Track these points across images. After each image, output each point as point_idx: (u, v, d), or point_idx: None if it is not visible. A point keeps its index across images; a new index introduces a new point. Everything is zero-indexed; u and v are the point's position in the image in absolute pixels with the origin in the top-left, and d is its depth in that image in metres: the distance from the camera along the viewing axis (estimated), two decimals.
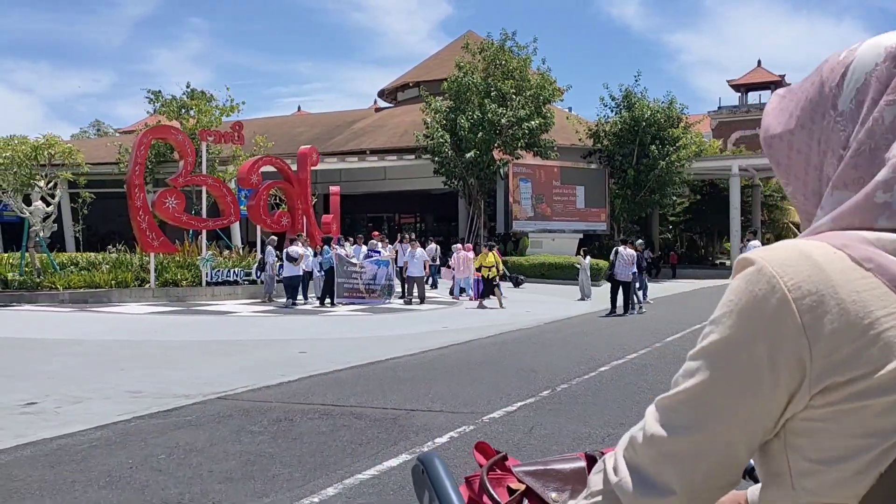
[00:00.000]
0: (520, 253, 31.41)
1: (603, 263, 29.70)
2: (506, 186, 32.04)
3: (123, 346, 11.03)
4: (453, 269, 21.03)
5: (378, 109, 43.14)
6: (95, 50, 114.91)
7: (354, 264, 17.49)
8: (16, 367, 9.17)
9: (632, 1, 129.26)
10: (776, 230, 47.30)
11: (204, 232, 18.82)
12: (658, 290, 25.83)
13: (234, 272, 18.80)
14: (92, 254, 19.93)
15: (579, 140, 34.62)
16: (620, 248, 16.62)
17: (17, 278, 17.08)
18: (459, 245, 22.68)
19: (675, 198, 34.84)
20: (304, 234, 18.63)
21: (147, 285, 17.76)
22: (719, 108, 59.33)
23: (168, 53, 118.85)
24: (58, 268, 17.85)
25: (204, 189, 18.70)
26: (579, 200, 33.70)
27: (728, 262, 48.83)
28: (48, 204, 17.99)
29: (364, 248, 18.88)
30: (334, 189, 23.06)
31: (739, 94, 69.55)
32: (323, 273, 17.74)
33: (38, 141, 16.18)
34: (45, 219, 17.73)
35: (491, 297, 18.07)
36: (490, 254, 18.51)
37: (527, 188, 32.28)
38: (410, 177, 35.79)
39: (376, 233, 20.95)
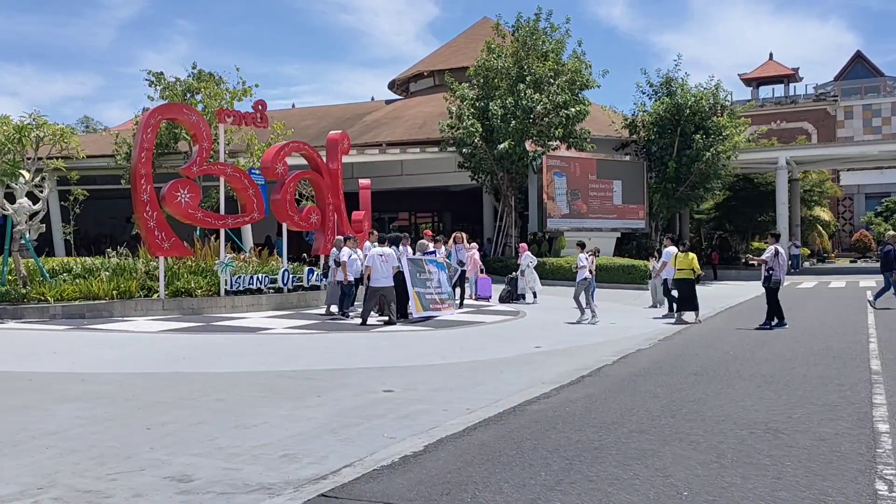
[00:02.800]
0: (555, 254, 28.61)
1: (638, 264, 26.99)
2: (539, 181, 29.22)
3: (145, 385, 8.10)
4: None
5: (389, 101, 40.20)
6: (81, 52, 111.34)
7: (428, 270, 14.59)
8: None
9: (618, 2, 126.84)
10: (804, 226, 44.84)
11: (222, 231, 15.84)
12: (714, 294, 23.10)
13: (258, 279, 15.85)
14: (88, 259, 16.89)
15: (615, 131, 31.86)
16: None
17: None
18: (475, 244, 20.78)
19: (717, 192, 32.10)
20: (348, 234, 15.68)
21: (155, 295, 14.80)
22: (731, 102, 56.84)
23: (155, 56, 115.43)
24: (48, 275, 14.84)
25: (222, 180, 15.73)
26: (616, 196, 30.94)
27: None
28: (35, 200, 14.99)
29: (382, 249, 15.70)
30: (364, 182, 20.14)
31: (751, 87, 67.40)
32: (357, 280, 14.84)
33: (24, 121, 13.19)
34: (31, 217, 14.72)
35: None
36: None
37: (561, 183, 29.49)
38: (429, 172, 32.90)
39: (428, 231, 18.09)
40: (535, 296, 19.32)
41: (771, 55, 69.33)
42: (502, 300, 19.09)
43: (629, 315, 16.66)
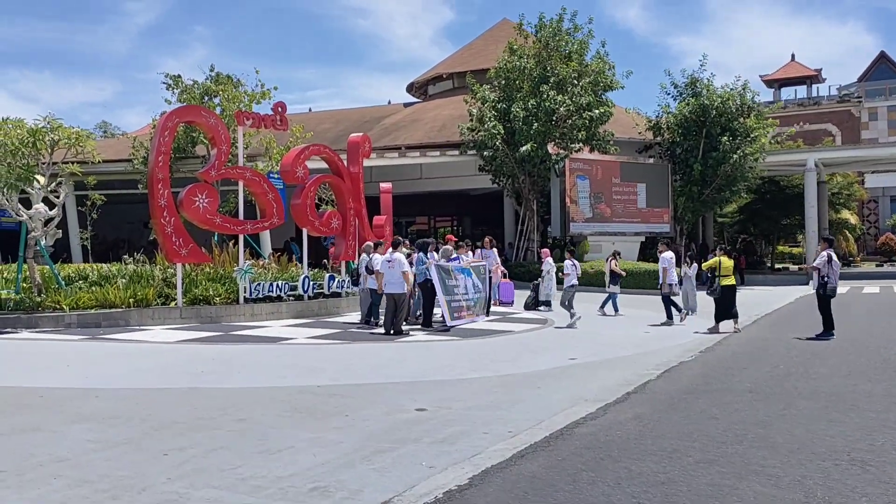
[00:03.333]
0: (577, 258, 27.89)
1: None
2: (562, 184, 28.63)
3: (162, 402, 7.61)
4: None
5: (407, 104, 39.74)
6: (100, 59, 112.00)
7: (454, 277, 14.06)
8: (1, 449, 5.76)
9: (634, 4, 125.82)
10: (830, 229, 43.82)
11: (240, 237, 15.39)
12: (745, 300, 22.36)
13: (278, 286, 15.38)
14: (104, 265, 16.50)
15: (639, 133, 31.19)
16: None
17: (12, 296, 13.70)
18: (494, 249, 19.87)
19: (743, 195, 31.31)
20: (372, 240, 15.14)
21: (173, 303, 14.37)
22: (758, 103, 55.82)
23: (173, 61, 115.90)
24: (63, 283, 14.45)
25: (240, 185, 15.28)
26: (640, 199, 30.27)
27: (791, 267, 45.37)
28: (51, 206, 14.62)
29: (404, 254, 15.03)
30: (385, 186, 19.66)
31: (773, 89, 66.29)
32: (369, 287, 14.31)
33: (38, 125, 12.79)
34: (46, 223, 14.35)
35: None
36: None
37: (584, 186, 28.87)
38: (449, 175, 32.36)
39: (451, 236, 17.55)
40: (548, 304, 18.70)
41: (793, 56, 68.28)
42: (527, 307, 18.51)
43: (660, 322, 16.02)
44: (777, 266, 42.04)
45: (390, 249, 13.45)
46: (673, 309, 16.01)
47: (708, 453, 5.42)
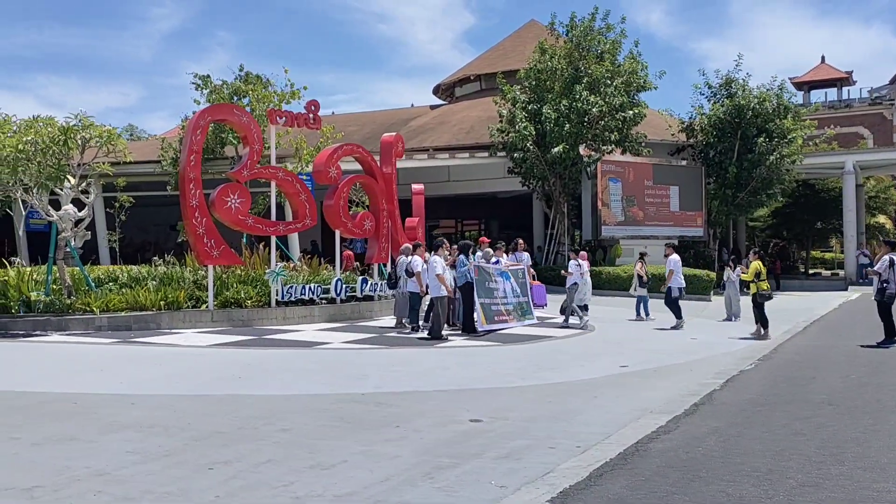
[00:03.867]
0: (610, 262, 27.38)
1: (701, 273, 25.62)
2: (594, 187, 28.04)
3: (200, 410, 7.21)
4: None
5: (434, 107, 39.34)
6: (125, 64, 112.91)
7: (494, 280, 13.61)
8: (35, 461, 5.38)
9: (657, 9, 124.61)
10: (867, 232, 42.76)
11: (272, 238, 15.02)
12: (786, 306, 21.67)
13: (310, 289, 14.99)
14: (134, 267, 16.21)
15: (671, 135, 30.55)
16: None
17: (42, 298, 13.42)
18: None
19: (779, 199, 30.52)
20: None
21: (204, 306, 14.02)
22: (795, 104, 54.79)
23: (196, 67, 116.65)
24: (93, 285, 14.16)
25: (273, 185, 14.92)
26: (673, 202, 29.59)
27: (823, 272, 44.37)
28: (80, 207, 14.33)
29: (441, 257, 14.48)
30: (417, 187, 19.24)
31: (802, 92, 65.12)
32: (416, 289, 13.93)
33: (69, 122, 12.50)
34: (76, 224, 14.06)
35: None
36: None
37: (616, 189, 28.27)
38: (476, 178, 31.89)
39: (484, 238, 17.07)
40: (585, 309, 18.14)
41: (823, 58, 67.08)
42: (563, 311, 17.96)
43: (704, 328, 15.46)
44: (809, 272, 41.07)
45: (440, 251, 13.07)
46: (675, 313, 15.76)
47: (809, 475, 4.89)
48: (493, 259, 14.31)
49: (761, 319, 13.87)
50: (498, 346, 12.15)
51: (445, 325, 13.10)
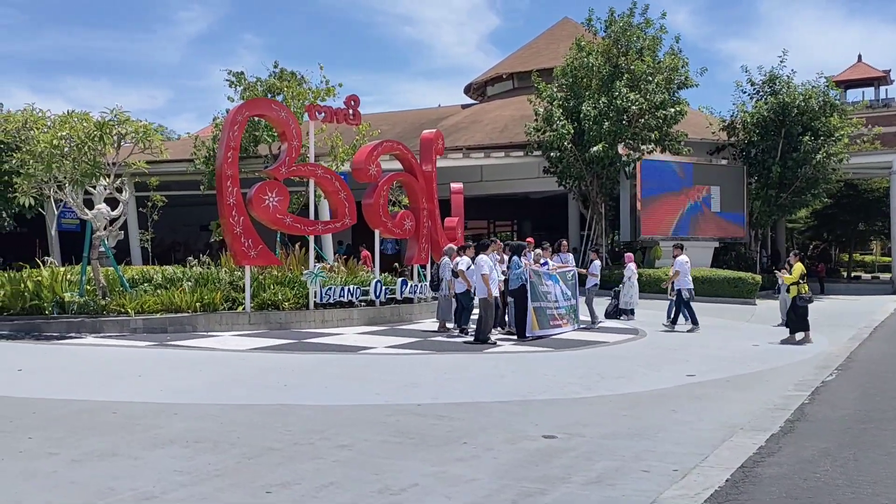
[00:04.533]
0: (649, 265, 26.59)
1: (746, 276, 24.76)
2: (632, 187, 27.30)
3: (248, 422, 6.67)
4: None
5: (465, 106, 38.75)
6: (153, 67, 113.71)
7: (545, 283, 12.99)
8: (75, 481, 4.85)
9: (682, 9, 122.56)
10: None
11: (311, 238, 14.53)
12: (838, 310, 20.77)
13: (349, 290, 14.46)
14: (168, 267, 15.81)
15: (712, 133, 29.66)
16: None
17: (76, 299, 13.02)
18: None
19: (824, 199, 29.50)
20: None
21: (240, 308, 13.55)
22: (841, 102, 53.37)
23: (222, 70, 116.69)
24: (128, 285, 13.75)
25: (311, 183, 14.41)
26: (714, 203, 28.71)
27: (865, 275, 43.09)
28: (114, 206, 13.93)
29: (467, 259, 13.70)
30: (456, 186, 18.64)
31: (838, 91, 63.55)
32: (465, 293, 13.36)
33: (105, 117, 12.08)
34: (111, 223, 13.66)
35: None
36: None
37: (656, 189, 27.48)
38: (510, 178, 31.26)
39: (530, 238, 16.44)
40: (632, 313, 17.48)
41: (860, 57, 65.35)
42: (608, 315, 17.27)
43: (761, 334, 14.68)
44: (852, 275, 39.87)
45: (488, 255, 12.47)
46: (682, 316, 15.25)
47: None
48: (542, 260, 13.68)
49: (802, 324, 13.15)
50: (550, 351, 11.52)
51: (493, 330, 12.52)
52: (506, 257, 13.10)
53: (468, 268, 12.49)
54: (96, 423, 6.53)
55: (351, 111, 14.50)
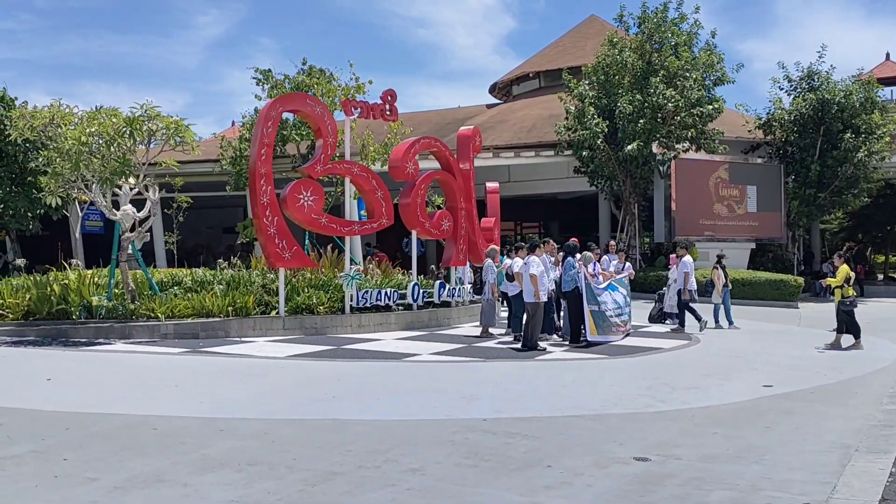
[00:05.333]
0: None
1: (788, 278, 23.92)
2: (667, 187, 26.50)
3: (302, 440, 6.04)
4: None
5: (490, 106, 38.07)
6: (171, 71, 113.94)
7: (601, 286, 12.32)
8: None
9: (700, 10, 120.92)
10: None
11: (348, 240, 13.92)
12: (887, 313, 19.91)
13: (386, 294, 13.84)
14: (198, 270, 15.26)
15: (748, 132, 28.79)
16: None
17: (104, 304, 12.49)
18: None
19: (865, 198, 28.51)
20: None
21: (274, 312, 12.97)
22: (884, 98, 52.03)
23: (239, 74, 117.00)
24: (157, 289, 13.20)
25: (347, 181, 13.81)
26: (751, 203, 27.85)
27: None
28: (139, 206, 13.39)
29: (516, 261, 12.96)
30: (492, 186, 18.02)
31: None
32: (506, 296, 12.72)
33: (135, 113, 11.53)
34: (141, 223, 13.12)
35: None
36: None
37: (691, 188, 26.68)
38: (538, 178, 30.56)
39: (574, 238, 15.69)
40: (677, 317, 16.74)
41: (888, 55, 64.18)
42: (652, 319, 16.57)
43: (818, 339, 13.89)
44: (891, 276, 38.68)
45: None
46: (691, 317, 14.78)
47: None
48: (591, 263, 12.97)
49: (852, 328, 12.43)
50: (605, 358, 10.82)
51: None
52: (556, 258, 12.43)
53: (521, 269, 11.81)
54: (137, 441, 5.93)
55: (388, 107, 13.90)
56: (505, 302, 13.47)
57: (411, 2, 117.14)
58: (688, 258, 15.59)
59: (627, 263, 15.92)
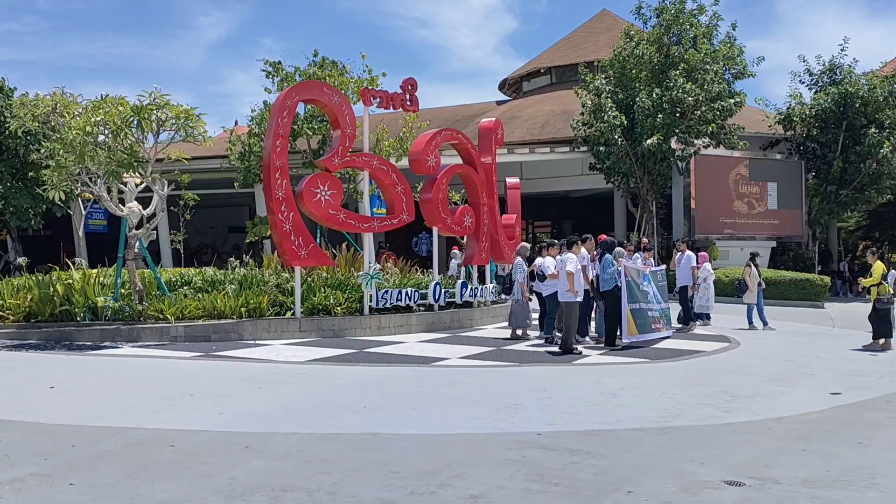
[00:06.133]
0: None
1: (814, 278, 23.17)
2: (687, 184, 25.78)
3: (340, 459, 5.31)
4: None
5: (500, 103, 37.33)
6: (173, 73, 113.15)
7: (642, 283, 11.60)
8: None
9: (720, 1, 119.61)
10: None
11: (369, 237, 13.21)
12: None
13: (407, 294, 13.13)
14: (209, 269, 14.54)
15: (768, 127, 28.04)
16: None
17: (110, 304, 11.78)
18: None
19: (890, 195, 27.77)
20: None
21: (289, 313, 12.25)
22: None
23: (242, 74, 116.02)
24: (166, 289, 12.49)
25: (366, 175, 13.10)
26: (771, 200, 27.13)
27: None
28: (146, 203, 12.70)
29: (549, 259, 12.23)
30: (512, 181, 17.29)
31: None
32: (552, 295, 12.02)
33: (143, 101, 10.79)
34: (149, 219, 12.41)
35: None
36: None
37: (711, 185, 25.97)
38: (551, 175, 29.81)
39: (603, 236, 14.97)
40: (707, 317, 16.05)
41: None
42: (680, 321, 15.81)
43: (858, 340, 13.16)
44: None
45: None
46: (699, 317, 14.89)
47: None
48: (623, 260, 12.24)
49: (886, 329, 11.80)
50: (647, 362, 10.10)
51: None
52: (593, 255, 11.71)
53: (557, 268, 11.07)
54: (153, 461, 5.21)
55: (408, 96, 13.19)
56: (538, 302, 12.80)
57: (414, 2, 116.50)
58: (690, 253, 15.20)
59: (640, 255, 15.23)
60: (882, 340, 11.93)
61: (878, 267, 12.19)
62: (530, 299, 12.31)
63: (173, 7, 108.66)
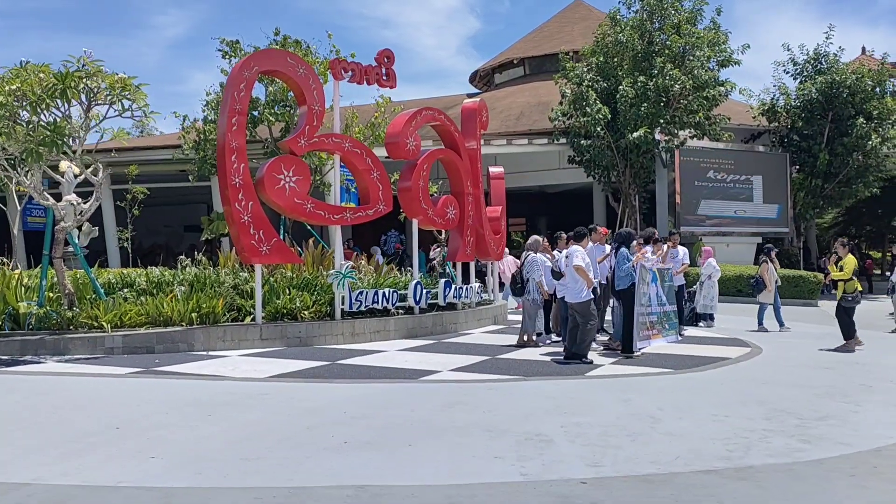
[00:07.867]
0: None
1: (807, 275, 22.12)
2: (671, 177, 24.55)
3: None
4: None
5: (471, 95, 35.84)
6: (131, 72, 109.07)
7: (648, 283, 10.14)
8: None
9: None
10: None
11: (338, 231, 11.54)
12: None
13: (384, 295, 11.50)
14: (155, 269, 12.72)
15: (752, 118, 27.01)
16: None
17: (34, 310, 9.93)
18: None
19: (877, 189, 26.92)
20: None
21: (248, 319, 10.55)
22: None
23: (201, 74, 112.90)
24: (102, 292, 10.65)
25: (337, 159, 11.43)
26: (756, 194, 26.07)
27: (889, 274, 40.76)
28: (84, 195, 10.90)
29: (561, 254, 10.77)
30: (496, 171, 15.78)
31: None
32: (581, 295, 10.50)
33: (69, 67, 8.93)
34: (80, 214, 10.55)
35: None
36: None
37: (695, 179, 24.81)
38: (527, 169, 28.40)
39: (604, 229, 13.55)
40: (711, 318, 14.82)
41: (863, 49, 63.55)
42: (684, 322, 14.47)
43: (883, 342, 11.93)
44: (886, 273, 37.43)
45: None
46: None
47: None
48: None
49: (848, 328, 10.99)
50: (672, 373, 8.64)
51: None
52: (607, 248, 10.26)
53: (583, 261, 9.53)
54: None
55: (384, 70, 11.55)
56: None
57: (376, 3, 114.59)
58: (683, 248, 14.24)
59: (679, 250, 13.89)
60: (846, 342, 10.90)
61: (850, 261, 11.10)
62: (551, 299, 10.84)
63: (129, 6, 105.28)
